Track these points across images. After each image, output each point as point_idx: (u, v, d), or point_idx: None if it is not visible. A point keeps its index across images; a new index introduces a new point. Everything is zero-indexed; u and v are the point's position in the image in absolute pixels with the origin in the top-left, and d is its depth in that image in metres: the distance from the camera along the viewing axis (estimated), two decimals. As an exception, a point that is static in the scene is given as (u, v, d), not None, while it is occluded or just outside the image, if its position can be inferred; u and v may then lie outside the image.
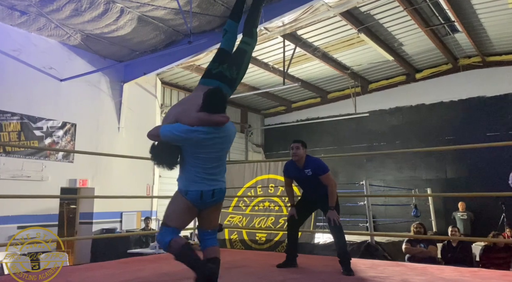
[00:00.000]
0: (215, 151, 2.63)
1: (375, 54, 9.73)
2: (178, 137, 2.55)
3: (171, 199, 2.69)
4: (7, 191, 6.55)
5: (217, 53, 3.13)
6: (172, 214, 2.62)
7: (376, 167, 11.76)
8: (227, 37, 3.18)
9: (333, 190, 3.76)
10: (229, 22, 3.27)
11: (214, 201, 2.66)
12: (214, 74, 2.90)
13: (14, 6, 6.40)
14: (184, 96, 11.06)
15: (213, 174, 2.63)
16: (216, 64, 2.98)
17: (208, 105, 2.58)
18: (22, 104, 7.12)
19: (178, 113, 2.67)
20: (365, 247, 6.77)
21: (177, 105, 2.93)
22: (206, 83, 2.88)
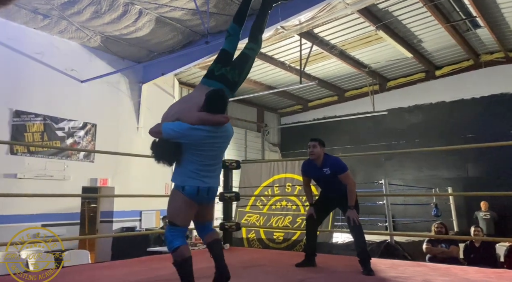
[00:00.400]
0: (213, 150, 2.72)
1: (393, 51, 9.58)
2: (179, 135, 2.63)
3: (170, 197, 2.76)
4: (31, 190, 6.74)
5: (220, 54, 3.14)
6: (175, 211, 2.69)
7: (395, 166, 11.59)
8: (230, 39, 3.19)
9: (352, 189, 3.72)
10: (232, 25, 3.26)
11: (209, 198, 2.76)
12: (216, 75, 2.96)
13: (37, 10, 6.57)
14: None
15: (209, 171, 2.72)
16: (219, 65, 3.01)
17: (209, 106, 2.67)
18: (45, 106, 7.31)
19: (180, 112, 2.75)
20: (384, 246, 6.69)
21: (177, 103, 3.01)
22: (208, 84, 2.93)
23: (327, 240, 6.93)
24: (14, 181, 6.69)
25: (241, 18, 3.32)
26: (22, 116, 6.97)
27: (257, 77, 10.71)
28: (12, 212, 6.48)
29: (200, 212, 2.81)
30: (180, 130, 2.62)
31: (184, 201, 2.66)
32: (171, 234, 2.65)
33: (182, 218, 2.68)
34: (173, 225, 2.66)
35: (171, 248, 2.62)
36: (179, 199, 2.66)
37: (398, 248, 6.71)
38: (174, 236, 2.63)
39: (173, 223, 2.67)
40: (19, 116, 6.93)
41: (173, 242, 2.62)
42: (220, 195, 5.58)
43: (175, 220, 2.67)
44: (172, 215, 2.71)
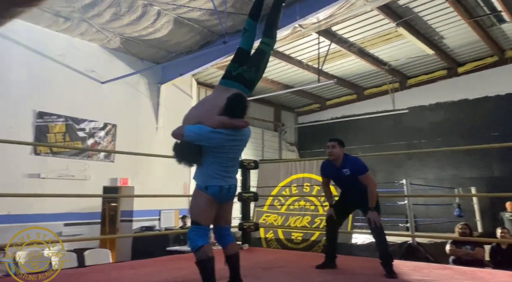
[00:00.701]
0: (233, 152, 2.80)
1: (414, 48, 9.38)
2: (201, 137, 2.69)
3: (192, 197, 2.81)
4: (53, 190, 6.89)
5: (237, 53, 3.13)
6: (197, 210, 2.75)
7: (416, 165, 11.35)
8: (246, 35, 3.16)
9: (373, 190, 3.64)
10: (248, 21, 3.23)
11: (230, 195, 2.84)
12: (234, 76, 2.96)
13: (59, 13, 6.70)
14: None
15: (229, 172, 2.80)
16: (236, 65, 3.01)
17: (230, 110, 2.72)
18: (67, 107, 7.45)
19: (201, 115, 2.79)
20: (406, 248, 6.56)
21: (198, 106, 3.02)
22: (226, 84, 2.95)
23: (346, 241, 6.83)
24: (38, 180, 6.85)
25: (257, 12, 3.28)
26: (45, 117, 7.13)
27: (274, 76, 10.67)
28: (35, 211, 6.64)
29: (219, 212, 2.85)
30: (201, 133, 2.67)
31: (207, 200, 2.72)
32: (195, 233, 2.68)
33: (205, 217, 2.73)
34: (197, 224, 2.70)
35: (194, 247, 2.65)
36: (202, 198, 2.72)
37: (420, 249, 6.56)
38: (197, 235, 2.67)
39: (197, 222, 2.71)
40: (42, 118, 7.09)
41: (196, 241, 2.65)
42: (238, 195, 5.58)
43: (199, 219, 2.72)
44: (196, 214, 2.75)
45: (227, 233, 2.94)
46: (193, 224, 2.72)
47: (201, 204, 2.73)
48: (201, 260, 2.63)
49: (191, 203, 2.81)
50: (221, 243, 2.91)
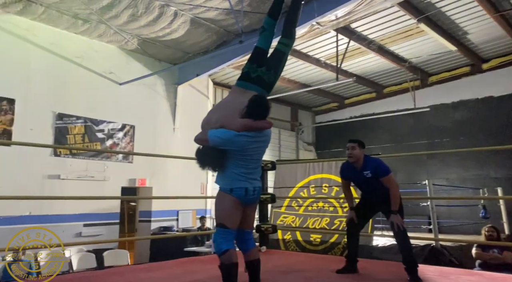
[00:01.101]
0: (257, 153, 2.79)
1: (436, 44, 9.11)
2: (225, 142, 2.67)
3: (216, 200, 2.77)
4: (73, 190, 6.97)
5: (254, 53, 3.04)
6: (223, 213, 2.70)
7: (438, 165, 11.04)
8: (264, 35, 3.06)
9: (396, 193, 3.50)
10: (267, 19, 3.11)
11: (255, 197, 2.80)
12: (253, 78, 2.90)
13: (77, 15, 6.77)
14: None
15: (253, 174, 2.78)
16: (254, 66, 2.93)
17: (253, 112, 2.70)
18: (86, 108, 7.53)
19: (222, 119, 2.76)
20: (429, 251, 6.36)
21: (216, 110, 2.96)
22: (245, 87, 2.89)
23: (367, 243, 6.67)
24: (58, 181, 6.94)
25: (276, 11, 3.18)
26: (64, 119, 7.22)
27: (291, 75, 10.55)
28: (56, 212, 6.73)
29: (245, 216, 2.80)
30: (225, 137, 2.66)
31: (232, 202, 2.68)
32: (220, 236, 2.64)
33: (231, 220, 2.68)
34: (223, 227, 2.66)
35: (219, 251, 2.61)
36: (227, 200, 2.68)
37: (444, 252, 6.35)
38: (223, 239, 2.63)
39: (223, 225, 2.66)
40: (61, 119, 7.18)
41: (222, 244, 2.61)
42: (256, 196, 5.51)
43: (225, 222, 2.67)
44: (221, 217, 2.70)
45: (249, 237, 2.87)
46: (219, 227, 2.67)
47: (227, 207, 2.68)
48: (225, 265, 2.59)
49: (215, 206, 2.76)
50: (242, 247, 2.85)
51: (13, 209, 6.19)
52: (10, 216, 6.07)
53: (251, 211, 2.89)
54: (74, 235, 6.99)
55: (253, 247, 2.85)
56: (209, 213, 9.23)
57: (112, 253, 6.32)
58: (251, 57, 3.04)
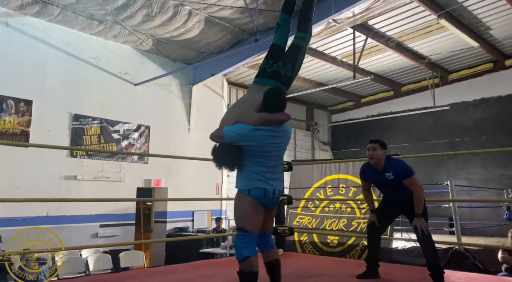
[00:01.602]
0: (276, 150, 2.65)
1: (456, 41, 8.84)
2: (242, 137, 2.54)
3: (235, 203, 2.64)
4: (89, 191, 7.00)
5: (271, 50, 2.94)
6: (243, 216, 2.55)
7: (459, 164, 10.73)
8: (280, 31, 2.98)
9: (420, 195, 3.34)
10: (282, 15, 3.03)
11: (274, 200, 2.65)
12: (269, 73, 2.81)
13: (92, 16, 6.78)
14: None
15: (273, 173, 2.64)
16: (270, 62, 2.84)
17: (268, 105, 2.60)
18: (101, 109, 7.55)
19: (238, 114, 2.67)
20: (452, 254, 6.14)
21: (234, 107, 2.93)
22: (261, 83, 2.80)
23: (386, 245, 6.49)
24: (74, 182, 6.98)
25: (290, 6, 3.09)
26: (80, 119, 7.25)
27: (306, 74, 10.40)
28: (72, 213, 6.76)
29: (264, 219, 2.65)
30: (242, 132, 2.54)
31: (251, 204, 2.52)
32: (242, 241, 2.49)
33: (252, 223, 2.51)
34: (243, 231, 2.50)
35: (240, 257, 2.46)
36: (246, 202, 2.53)
37: (468, 255, 6.12)
38: (244, 244, 2.48)
39: (243, 228, 2.50)
40: (77, 120, 7.22)
41: (243, 250, 2.46)
42: (272, 197, 5.40)
43: (245, 225, 2.51)
44: (241, 221, 2.55)
45: (267, 238, 2.74)
46: (240, 231, 2.52)
47: (246, 209, 2.53)
48: (244, 273, 2.44)
49: (234, 209, 2.62)
50: (260, 248, 2.69)
51: (31, 210, 6.24)
52: (27, 216, 6.12)
53: (271, 214, 2.76)
54: (91, 235, 7.02)
55: (272, 247, 2.72)
56: (224, 214, 9.17)
57: (128, 254, 6.31)
58: (267, 54, 2.95)
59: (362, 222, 7.23)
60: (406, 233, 7.48)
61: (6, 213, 5.89)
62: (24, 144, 6.24)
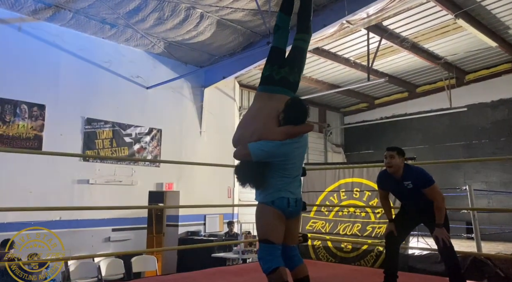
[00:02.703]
0: (298, 160, 2.64)
1: (474, 41, 8.61)
2: (271, 154, 2.48)
3: (257, 215, 2.57)
4: (102, 195, 7.00)
5: (273, 54, 2.83)
6: (266, 227, 2.51)
7: (476, 167, 10.46)
8: (280, 33, 2.86)
9: (441, 205, 3.21)
10: (281, 16, 2.90)
11: (297, 210, 2.63)
12: (277, 80, 2.70)
13: (105, 20, 6.78)
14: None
15: (296, 181, 2.63)
16: (275, 67, 2.74)
17: (292, 118, 2.54)
18: (113, 113, 7.54)
19: (259, 130, 2.55)
20: (471, 261, 5.94)
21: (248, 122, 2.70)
22: (270, 91, 2.70)
23: (402, 252, 6.30)
24: (87, 186, 6.98)
25: (289, 6, 2.97)
26: (93, 123, 7.26)
27: (318, 76, 10.27)
28: (85, 217, 6.76)
29: (288, 230, 2.59)
30: (270, 149, 2.48)
31: (274, 215, 2.49)
32: (267, 253, 2.43)
33: (277, 234, 2.47)
34: (268, 243, 2.44)
35: (268, 269, 2.39)
36: (269, 213, 2.49)
37: (488, 263, 5.91)
38: (271, 256, 2.41)
39: (268, 240, 2.45)
40: (90, 124, 7.22)
41: (271, 262, 2.39)
42: (286, 203, 5.31)
43: (270, 237, 2.45)
44: (265, 232, 2.49)
45: (295, 253, 2.64)
46: (264, 243, 2.45)
47: (270, 220, 2.48)
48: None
49: (257, 221, 2.55)
50: (288, 264, 2.60)
51: (44, 215, 6.24)
52: (41, 221, 6.13)
53: (295, 224, 2.68)
54: (103, 239, 7.01)
55: (301, 263, 2.61)
56: (236, 217, 9.09)
57: (140, 259, 6.29)
58: (269, 58, 2.83)
59: (377, 227, 7.09)
60: (423, 239, 7.29)
61: (20, 217, 5.90)
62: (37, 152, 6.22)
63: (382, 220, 6.84)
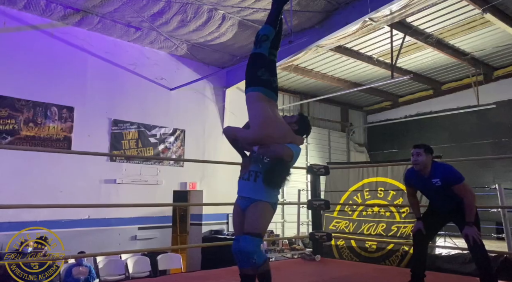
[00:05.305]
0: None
1: (502, 36, 8.35)
2: (296, 158, 2.74)
3: (260, 212, 2.67)
4: (128, 194, 7.17)
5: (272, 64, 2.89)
6: (265, 224, 2.72)
7: (507, 166, 10.11)
8: (267, 44, 2.89)
9: (471, 202, 3.15)
10: (269, 29, 2.92)
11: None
12: (274, 88, 2.84)
13: (129, 23, 6.95)
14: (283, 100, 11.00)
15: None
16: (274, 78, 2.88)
17: (302, 130, 2.86)
18: (139, 114, 7.72)
19: (291, 134, 2.76)
20: (501, 262, 5.76)
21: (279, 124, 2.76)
22: (269, 95, 2.79)
23: (429, 252, 6.19)
24: (114, 186, 7.17)
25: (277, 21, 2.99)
26: (119, 125, 7.45)
27: (341, 74, 10.18)
28: (112, 216, 6.94)
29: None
30: (297, 153, 2.73)
31: (271, 216, 2.76)
32: (258, 247, 2.63)
33: (264, 233, 2.78)
34: (260, 238, 2.66)
35: (263, 260, 2.62)
36: (271, 213, 2.74)
37: (520, 264, 5.73)
38: (259, 248, 2.64)
39: (261, 235, 2.67)
40: (116, 125, 7.41)
41: (262, 254, 2.65)
42: (308, 202, 5.29)
43: (263, 232, 2.71)
44: (262, 228, 2.69)
45: None
46: (257, 237, 2.61)
47: (268, 219, 2.73)
48: (269, 271, 2.67)
49: (258, 217, 2.65)
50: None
51: (74, 213, 6.46)
52: (71, 219, 6.34)
53: None
54: (130, 238, 7.18)
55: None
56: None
57: (165, 256, 6.41)
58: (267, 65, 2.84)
59: (402, 226, 6.97)
60: (450, 239, 7.12)
61: (51, 216, 6.13)
62: (67, 151, 6.47)
63: (408, 220, 6.73)
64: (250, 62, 2.89)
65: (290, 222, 9.94)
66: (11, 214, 5.82)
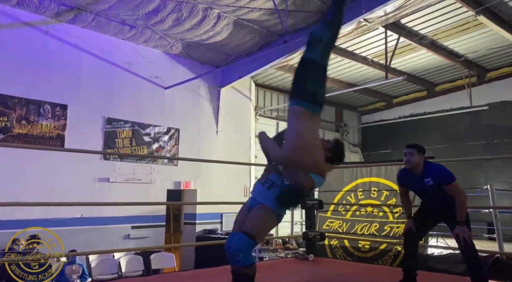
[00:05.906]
0: None
1: (495, 38, 8.42)
2: (316, 188, 2.80)
3: (261, 214, 2.60)
4: (121, 193, 7.13)
5: (321, 71, 2.58)
6: (262, 229, 2.64)
7: (498, 167, 10.21)
8: (319, 48, 2.53)
9: (462, 202, 3.18)
10: (323, 30, 2.58)
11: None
12: (320, 102, 2.55)
13: (124, 21, 6.92)
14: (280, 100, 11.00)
15: None
16: (322, 91, 2.61)
17: (335, 160, 2.69)
18: (133, 113, 7.69)
19: (321, 163, 2.59)
20: (492, 262, 5.82)
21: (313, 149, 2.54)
22: (314, 111, 2.53)
23: (421, 252, 6.23)
24: (107, 184, 7.13)
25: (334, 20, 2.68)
26: (113, 123, 7.41)
27: (335, 75, 10.21)
28: (105, 214, 6.90)
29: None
30: (320, 183, 2.66)
31: (273, 224, 2.68)
32: (249, 248, 2.53)
33: (262, 238, 2.80)
34: (253, 240, 2.53)
35: (249, 262, 2.51)
36: (273, 221, 2.65)
37: (511, 264, 5.79)
38: (250, 251, 2.56)
39: (255, 239, 2.55)
40: (110, 124, 7.38)
41: (250, 257, 2.55)
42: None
43: (259, 237, 2.59)
44: (258, 232, 2.58)
45: None
46: (250, 239, 2.50)
47: (268, 225, 2.66)
48: (251, 277, 2.54)
49: (259, 220, 2.57)
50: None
51: (66, 212, 6.42)
52: (63, 218, 6.30)
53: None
54: (123, 237, 7.15)
55: None
56: (253, 216, 9.11)
57: (159, 256, 6.39)
58: (316, 74, 2.56)
59: (395, 226, 7.02)
60: (443, 239, 7.18)
61: (44, 214, 6.09)
62: (60, 149, 6.43)
63: (401, 220, 6.78)
64: (300, 69, 2.60)
65: (284, 222, 9.87)
66: (3, 212, 5.77)
